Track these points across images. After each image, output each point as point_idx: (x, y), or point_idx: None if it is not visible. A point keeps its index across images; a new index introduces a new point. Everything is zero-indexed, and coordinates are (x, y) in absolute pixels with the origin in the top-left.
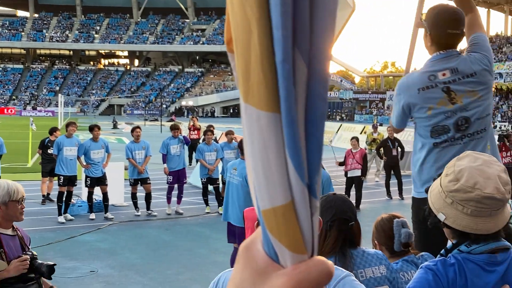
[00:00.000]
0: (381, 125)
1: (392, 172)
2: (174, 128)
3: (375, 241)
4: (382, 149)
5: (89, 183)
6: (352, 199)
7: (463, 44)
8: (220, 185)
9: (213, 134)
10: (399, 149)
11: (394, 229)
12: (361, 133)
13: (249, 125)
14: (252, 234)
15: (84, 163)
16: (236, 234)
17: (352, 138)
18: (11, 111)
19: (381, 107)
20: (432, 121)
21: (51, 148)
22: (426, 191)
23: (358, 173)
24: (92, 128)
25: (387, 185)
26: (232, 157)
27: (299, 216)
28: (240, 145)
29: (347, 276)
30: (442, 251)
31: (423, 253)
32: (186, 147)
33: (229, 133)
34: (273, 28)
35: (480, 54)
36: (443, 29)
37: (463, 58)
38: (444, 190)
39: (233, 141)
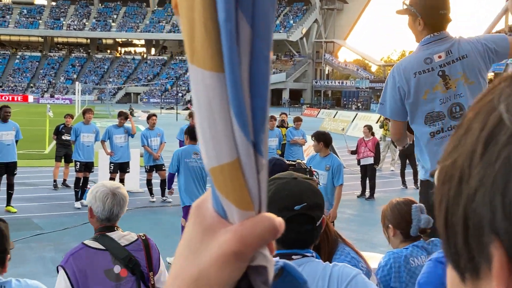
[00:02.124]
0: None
1: (407, 161)
2: (191, 116)
3: (389, 225)
4: None
5: (112, 169)
6: (367, 187)
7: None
8: None
9: None
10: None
11: (413, 214)
12: (377, 122)
13: (195, 85)
14: (204, 193)
15: (109, 150)
16: None
17: (364, 126)
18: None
19: None
20: (427, 106)
21: (65, 134)
22: (432, 175)
23: (370, 161)
24: (119, 115)
25: (402, 174)
26: None
27: (245, 173)
28: (188, 130)
29: (358, 275)
30: None
31: (433, 238)
32: None
33: None
34: None
35: (476, 39)
36: (435, 10)
37: (455, 40)
38: None
39: None
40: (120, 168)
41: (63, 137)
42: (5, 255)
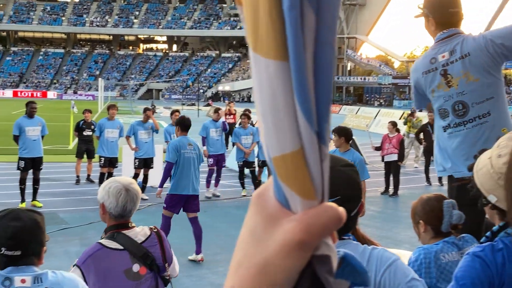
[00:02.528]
0: (420, 110)
1: (431, 158)
2: (217, 111)
3: (419, 220)
4: (421, 134)
5: (136, 164)
6: (391, 184)
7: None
8: (256, 169)
9: (250, 118)
10: None
11: (444, 210)
12: (400, 119)
13: (258, 74)
14: (265, 183)
15: (134, 146)
16: (185, 203)
17: (389, 122)
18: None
19: None
20: (437, 103)
21: (86, 129)
22: (470, 169)
23: (394, 157)
24: (144, 111)
25: (427, 171)
26: None
27: (309, 163)
28: (178, 122)
29: (398, 260)
30: (488, 233)
31: (463, 234)
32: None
33: None
34: None
35: (482, 35)
36: (445, 9)
37: (463, 38)
38: (498, 171)
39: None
40: (144, 164)
41: (84, 133)
42: (42, 247)
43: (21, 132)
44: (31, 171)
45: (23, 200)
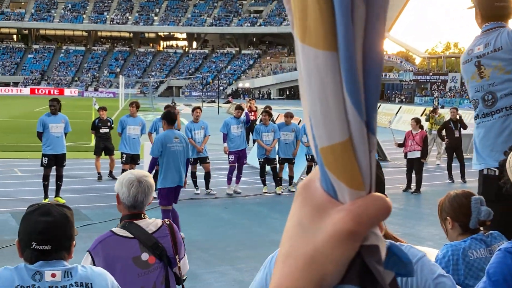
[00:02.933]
0: (442, 107)
1: (454, 154)
2: (238, 108)
3: (447, 217)
4: (444, 131)
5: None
6: (413, 181)
7: None
8: (277, 166)
9: (271, 116)
10: (462, 131)
11: (472, 206)
12: (421, 115)
13: (307, 65)
14: (310, 173)
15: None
16: (174, 194)
17: (412, 118)
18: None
19: (443, 89)
20: (470, 93)
21: (102, 127)
22: (502, 165)
23: (417, 154)
24: (165, 109)
25: (449, 168)
26: (290, 139)
27: (357, 153)
28: (164, 116)
29: (424, 257)
30: None
31: (491, 231)
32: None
33: (288, 115)
34: None
35: None
36: (491, 2)
37: (500, 32)
38: None
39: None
40: None
41: (101, 130)
42: (71, 242)
43: (44, 128)
44: (54, 167)
45: (46, 196)
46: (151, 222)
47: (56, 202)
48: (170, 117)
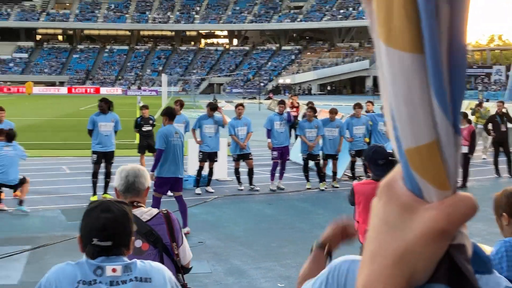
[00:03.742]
0: (487, 100)
1: (500, 149)
2: (280, 103)
3: (503, 213)
4: (490, 125)
5: (201, 157)
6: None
7: None
8: (321, 162)
9: (315, 111)
10: (508, 125)
11: None
12: (465, 109)
13: (391, 68)
14: (390, 173)
15: (198, 139)
16: (172, 185)
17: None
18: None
19: (487, 82)
20: None
21: (144, 125)
22: None
23: (465, 150)
24: (207, 106)
25: (496, 163)
26: (334, 135)
27: (444, 154)
28: (165, 112)
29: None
30: None
31: None
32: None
33: (333, 111)
34: None
35: None
36: None
37: None
38: None
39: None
40: (208, 157)
41: (143, 129)
42: (130, 237)
43: (94, 126)
44: (103, 164)
45: (94, 193)
46: (146, 211)
47: (115, 199)
48: (171, 113)
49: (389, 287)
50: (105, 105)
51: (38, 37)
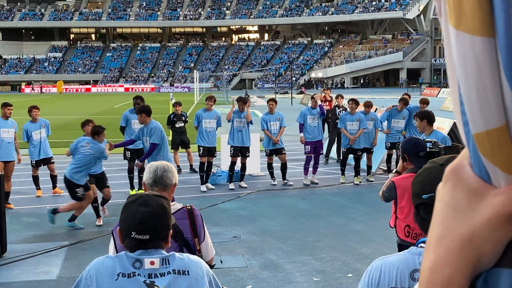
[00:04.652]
0: None
1: None
2: (313, 98)
3: None
4: None
5: (232, 153)
6: None
7: None
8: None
9: (358, 104)
10: None
11: None
12: None
13: (462, 51)
14: (457, 158)
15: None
16: None
17: None
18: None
19: None
20: None
21: (177, 122)
22: None
23: None
24: (237, 100)
25: None
26: (369, 128)
27: None
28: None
29: None
30: None
31: None
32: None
33: (367, 104)
34: None
35: None
36: None
37: None
38: None
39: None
40: (240, 153)
41: (176, 125)
42: (168, 231)
43: (127, 124)
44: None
45: (132, 188)
46: (171, 205)
47: (153, 193)
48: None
49: (456, 270)
50: (142, 103)
51: (72, 36)
